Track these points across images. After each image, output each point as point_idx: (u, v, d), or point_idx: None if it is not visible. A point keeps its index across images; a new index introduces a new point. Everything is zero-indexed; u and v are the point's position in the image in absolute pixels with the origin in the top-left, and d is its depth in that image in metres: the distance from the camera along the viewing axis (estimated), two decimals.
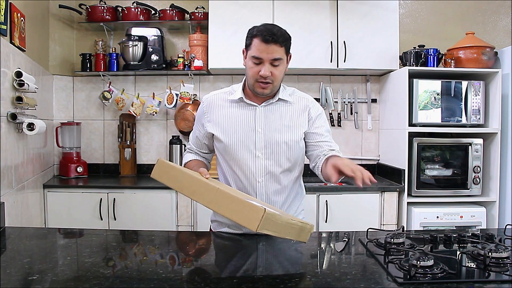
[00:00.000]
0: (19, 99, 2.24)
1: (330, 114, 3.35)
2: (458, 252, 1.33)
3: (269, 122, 1.59)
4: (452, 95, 2.86)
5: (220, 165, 1.69)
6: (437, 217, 2.79)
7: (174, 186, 1.30)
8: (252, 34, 1.51)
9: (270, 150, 1.58)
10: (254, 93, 1.58)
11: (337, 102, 3.35)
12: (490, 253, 1.17)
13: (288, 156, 1.60)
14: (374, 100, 3.38)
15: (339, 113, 3.36)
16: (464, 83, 2.86)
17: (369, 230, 1.45)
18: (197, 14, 3.15)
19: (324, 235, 1.59)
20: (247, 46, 1.55)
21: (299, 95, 1.67)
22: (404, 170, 2.83)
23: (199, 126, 1.70)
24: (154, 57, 3.12)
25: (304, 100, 1.66)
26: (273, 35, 1.47)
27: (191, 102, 3.22)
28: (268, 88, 1.54)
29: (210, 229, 1.76)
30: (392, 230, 1.42)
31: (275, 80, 1.53)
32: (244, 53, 1.59)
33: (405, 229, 1.54)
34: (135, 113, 3.21)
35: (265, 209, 1.08)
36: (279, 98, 1.60)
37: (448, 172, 2.90)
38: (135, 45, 3.09)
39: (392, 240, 1.33)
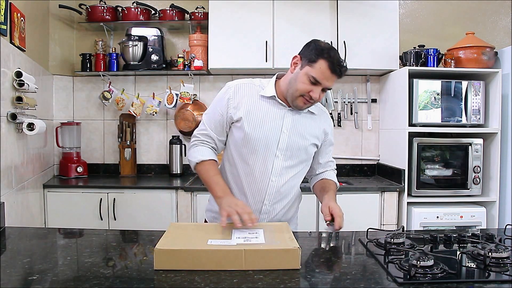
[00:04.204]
0: (19, 99, 2.24)
1: (330, 114, 3.31)
2: (458, 252, 1.33)
3: (296, 126, 1.59)
4: (452, 95, 2.86)
5: (231, 155, 1.61)
6: (437, 217, 2.79)
7: (190, 267, 1.14)
8: (322, 54, 1.47)
9: (290, 152, 1.58)
10: (293, 105, 1.57)
11: (337, 102, 3.35)
12: (490, 253, 1.17)
13: (302, 162, 1.64)
14: (374, 100, 3.38)
15: (339, 113, 3.36)
16: (464, 83, 2.86)
17: (369, 230, 1.45)
18: (197, 14, 3.15)
19: (324, 235, 1.59)
20: (310, 61, 1.48)
21: (320, 106, 1.70)
22: (404, 170, 2.83)
23: (221, 110, 1.58)
24: (154, 57, 3.12)
25: (324, 114, 1.71)
26: (341, 68, 1.47)
27: (191, 102, 3.22)
28: (309, 106, 1.57)
29: (205, 220, 1.75)
30: (392, 230, 1.42)
31: (317, 101, 1.55)
32: (299, 63, 1.52)
33: (405, 229, 1.55)
34: (135, 113, 3.21)
35: (298, 247, 1.14)
36: (308, 110, 1.62)
37: (448, 172, 2.90)
38: (135, 45, 3.09)
39: (392, 240, 1.33)
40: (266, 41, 2.93)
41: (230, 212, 1.36)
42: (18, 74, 2.21)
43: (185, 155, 3.28)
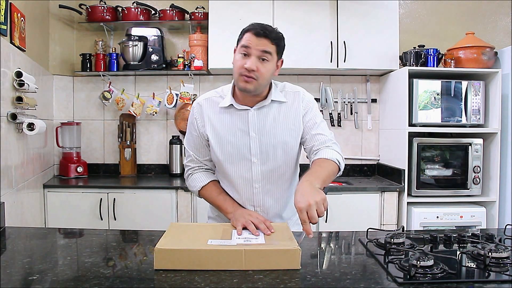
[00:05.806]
0: (19, 99, 2.24)
1: (330, 114, 3.35)
2: (458, 252, 1.33)
3: (263, 125, 1.52)
4: (452, 95, 2.87)
5: (219, 170, 1.62)
6: (437, 217, 2.79)
7: (190, 267, 1.14)
8: (244, 30, 1.48)
9: (265, 154, 1.52)
10: (238, 88, 1.48)
11: (337, 102, 3.35)
12: (490, 253, 1.17)
13: (284, 160, 1.55)
14: (374, 100, 3.38)
15: (339, 113, 3.36)
16: (464, 83, 2.86)
17: (369, 230, 1.45)
18: (197, 14, 3.15)
19: (324, 235, 1.59)
20: (238, 41, 1.50)
21: (290, 89, 1.58)
22: (404, 170, 2.83)
23: (195, 131, 1.60)
24: (154, 57, 3.12)
25: (296, 94, 1.57)
26: (265, 30, 1.43)
27: (191, 102, 3.22)
28: (252, 83, 1.43)
29: None
30: (392, 230, 1.42)
31: (260, 77, 1.43)
32: (235, 52, 1.52)
33: (405, 229, 1.54)
34: (135, 113, 3.21)
35: (298, 248, 1.14)
36: (272, 100, 1.52)
37: (448, 172, 2.90)
38: (135, 45, 3.09)
39: (392, 240, 1.33)
40: None
41: (244, 222, 1.36)
42: (18, 74, 2.21)
43: (185, 155, 3.27)
